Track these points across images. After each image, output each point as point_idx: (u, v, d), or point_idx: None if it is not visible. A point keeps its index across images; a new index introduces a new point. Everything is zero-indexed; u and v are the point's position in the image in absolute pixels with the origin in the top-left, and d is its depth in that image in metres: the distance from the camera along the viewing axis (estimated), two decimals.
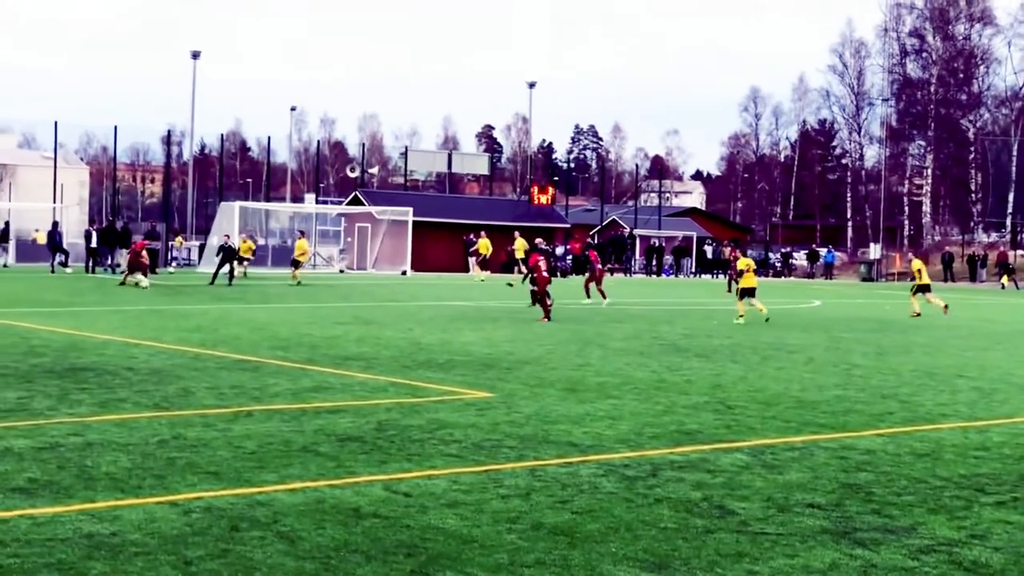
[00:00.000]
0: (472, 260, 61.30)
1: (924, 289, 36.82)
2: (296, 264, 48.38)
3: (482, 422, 13.52)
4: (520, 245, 55.58)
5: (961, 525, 9.30)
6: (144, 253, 42.58)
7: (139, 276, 41.42)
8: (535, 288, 31.06)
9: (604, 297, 37.40)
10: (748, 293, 31.78)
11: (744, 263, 32.57)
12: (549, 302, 30.20)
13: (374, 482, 10.20)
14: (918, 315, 35.56)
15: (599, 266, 39.52)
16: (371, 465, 10.93)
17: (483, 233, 59.77)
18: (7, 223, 58.10)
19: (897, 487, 10.62)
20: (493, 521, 8.95)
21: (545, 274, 30.89)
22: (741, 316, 31.34)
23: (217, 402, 14.57)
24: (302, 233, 50.72)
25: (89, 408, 13.84)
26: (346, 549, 8.11)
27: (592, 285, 38.45)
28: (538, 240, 48.46)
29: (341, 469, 10.69)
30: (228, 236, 48.05)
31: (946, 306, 36.52)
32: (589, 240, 72.85)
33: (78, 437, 11.90)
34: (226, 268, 44.53)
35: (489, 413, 14.22)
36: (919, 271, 37.31)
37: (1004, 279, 68.96)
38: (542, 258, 32.16)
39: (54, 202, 68.34)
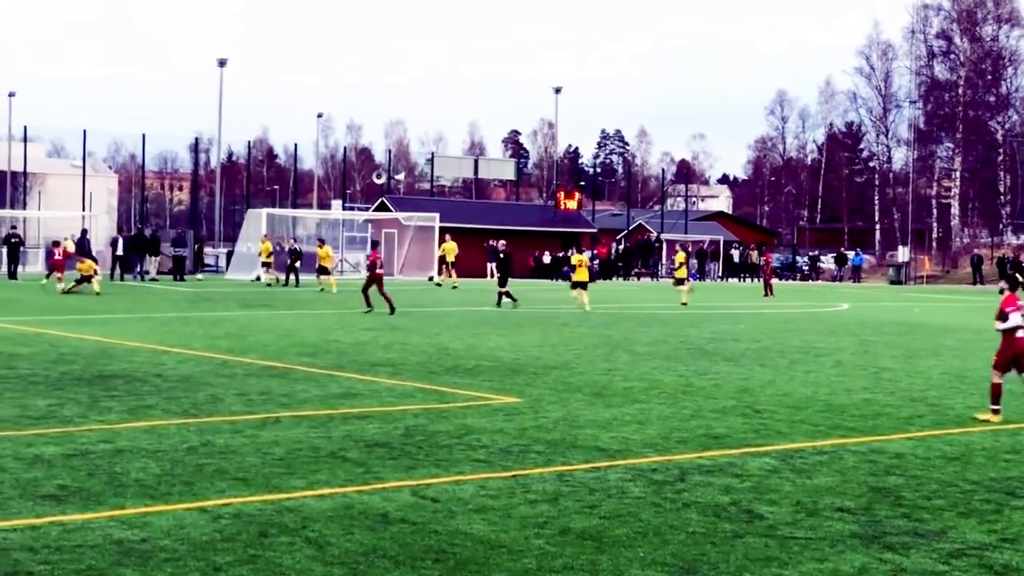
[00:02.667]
0: (440, 266, 58.52)
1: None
2: (325, 271, 48.42)
3: (509, 427, 13.53)
4: (450, 248, 54.03)
5: (992, 529, 9.25)
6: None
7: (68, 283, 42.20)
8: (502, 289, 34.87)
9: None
10: (580, 286, 36.72)
11: (577, 259, 38.03)
12: (388, 299, 32.82)
13: (402, 488, 10.21)
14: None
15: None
16: (399, 471, 10.94)
17: (448, 236, 57.96)
18: (11, 231, 55.96)
19: (927, 491, 10.57)
20: (521, 526, 8.95)
21: (379, 271, 33.89)
22: (584, 305, 36.02)
23: (245, 408, 14.62)
24: (322, 241, 50.66)
25: (119, 415, 13.91)
26: (374, 555, 8.12)
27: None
28: (500, 242, 47.76)
29: (369, 475, 10.71)
30: (295, 240, 50.72)
31: None
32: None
33: (108, 444, 11.96)
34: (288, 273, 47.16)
35: (516, 418, 14.22)
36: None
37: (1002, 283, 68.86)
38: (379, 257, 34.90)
39: (83, 210, 68.72)
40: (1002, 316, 15.24)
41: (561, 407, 15.25)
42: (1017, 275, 21.71)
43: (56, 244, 46.87)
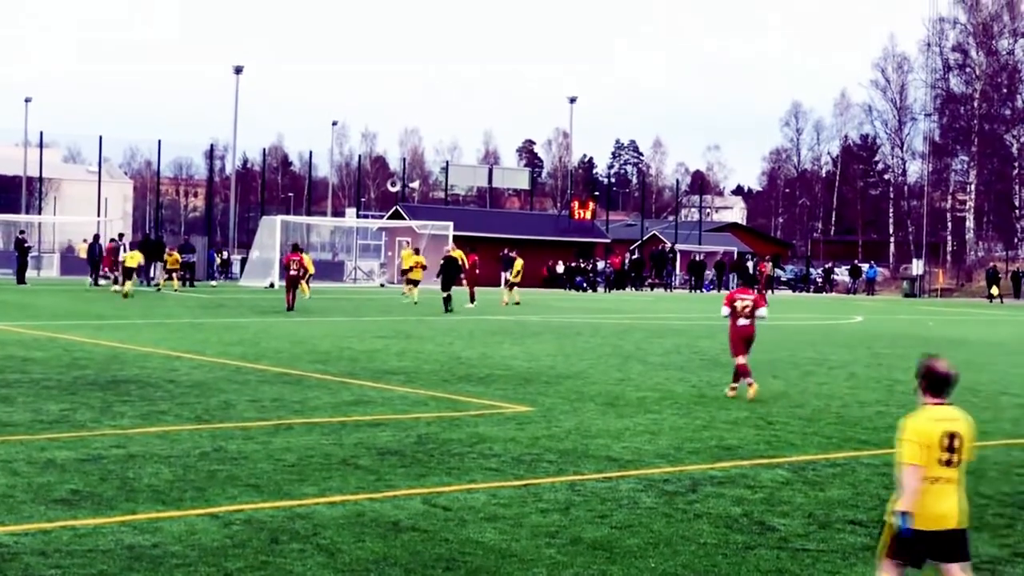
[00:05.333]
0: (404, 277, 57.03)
1: None
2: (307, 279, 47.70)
3: (522, 436, 13.52)
4: (407, 256, 53.22)
5: (1004, 543, 9.21)
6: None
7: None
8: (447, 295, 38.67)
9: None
10: (412, 283, 43.96)
11: (411, 260, 45.29)
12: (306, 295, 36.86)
13: (413, 496, 10.21)
14: None
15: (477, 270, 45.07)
16: (411, 479, 10.94)
17: (407, 243, 56.76)
18: (19, 236, 55.78)
19: None
20: (532, 535, 8.94)
21: (293, 273, 37.56)
22: (415, 302, 42.34)
23: (258, 415, 14.63)
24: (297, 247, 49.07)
25: (131, 420, 13.93)
26: (385, 562, 8.12)
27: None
28: (448, 247, 47.15)
29: (381, 483, 10.71)
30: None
31: None
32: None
33: (120, 449, 11.98)
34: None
35: (529, 427, 14.21)
36: None
37: (993, 289, 68.98)
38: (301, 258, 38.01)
39: (98, 216, 68.86)
40: (726, 306, 18.31)
41: (573, 416, 15.24)
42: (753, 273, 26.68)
43: (112, 241, 48.49)
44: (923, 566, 6.62)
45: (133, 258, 46.15)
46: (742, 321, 18.02)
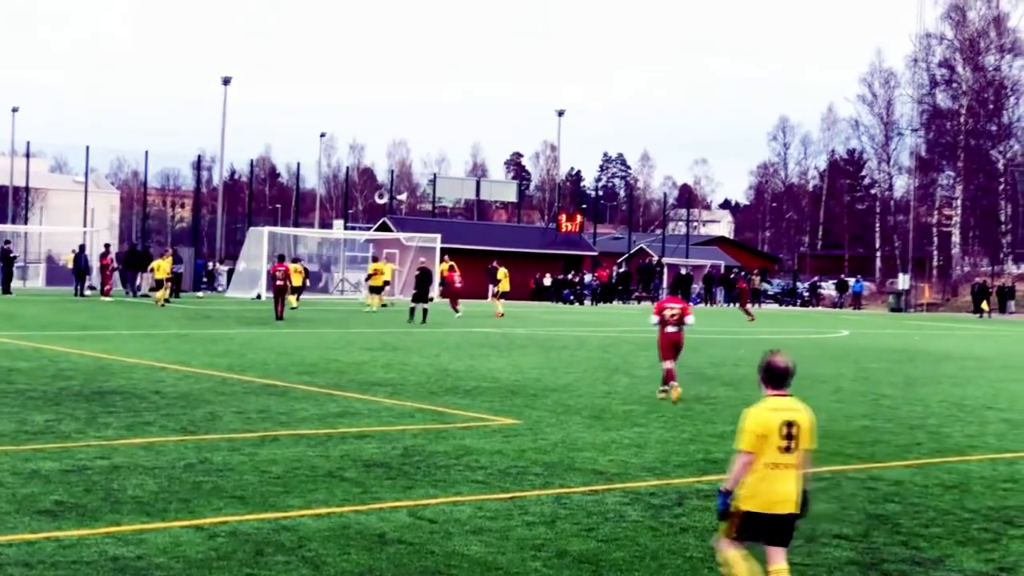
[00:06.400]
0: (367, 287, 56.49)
1: None
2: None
3: (508, 449, 13.51)
4: (380, 268, 52.80)
5: (989, 558, 9.22)
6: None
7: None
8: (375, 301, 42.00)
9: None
10: (376, 291, 46.88)
11: (372, 267, 47.65)
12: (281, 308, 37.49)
13: (399, 508, 10.20)
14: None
15: (457, 285, 44.61)
16: (396, 491, 10.92)
17: (375, 252, 56.37)
18: (4, 246, 55.13)
19: (925, 519, 10.55)
20: (518, 548, 8.93)
21: (280, 283, 38.37)
22: (371, 308, 45.03)
23: (244, 426, 14.60)
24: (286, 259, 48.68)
25: (116, 431, 13.89)
26: (371, 575, 8.10)
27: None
28: (420, 259, 47.31)
29: (367, 495, 10.69)
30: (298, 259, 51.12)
31: None
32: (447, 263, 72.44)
33: (105, 460, 11.94)
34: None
35: (515, 440, 14.20)
36: None
37: (984, 304, 69.27)
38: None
39: (84, 226, 68.70)
40: (655, 315, 19.41)
41: (560, 429, 15.23)
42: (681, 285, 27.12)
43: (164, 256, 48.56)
44: (752, 547, 7.13)
45: (162, 268, 46.69)
46: (670, 329, 19.17)
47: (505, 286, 50.23)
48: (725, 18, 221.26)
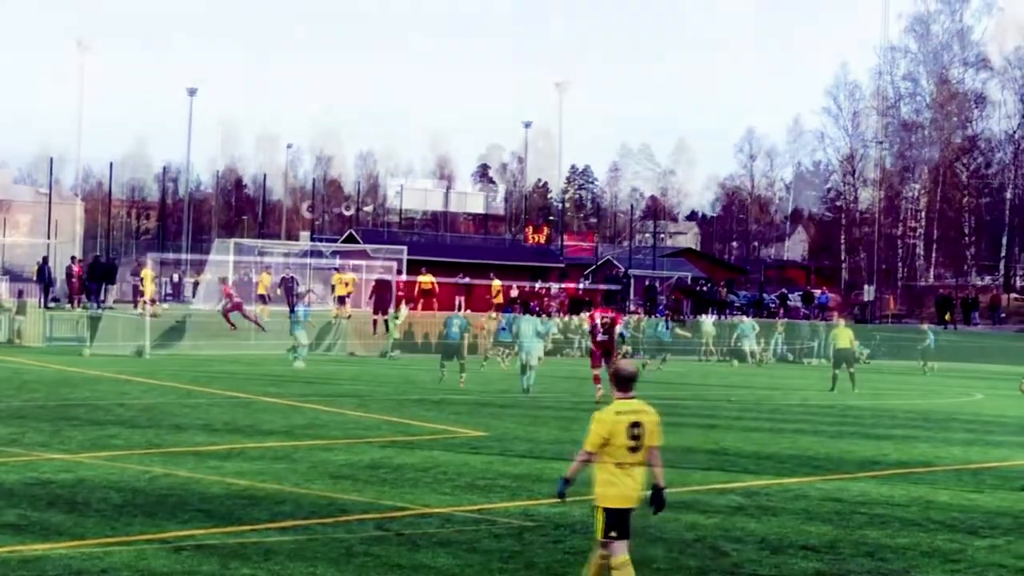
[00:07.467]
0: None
1: None
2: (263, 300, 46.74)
3: (475, 461, 13.47)
4: (264, 280, 51.55)
5: (955, 568, 9.25)
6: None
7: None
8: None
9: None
10: (341, 301, 42.85)
11: (337, 278, 44.93)
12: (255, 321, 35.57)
13: (366, 520, 10.14)
14: None
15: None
16: (364, 503, 10.87)
17: (341, 264, 56.53)
18: None
19: (891, 529, 10.57)
20: (485, 560, 8.90)
21: (236, 299, 36.06)
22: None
23: (209, 439, 14.50)
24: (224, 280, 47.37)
25: (80, 444, 13.78)
26: None
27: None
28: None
29: (333, 507, 10.63)
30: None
31: None
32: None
33: (69, 474, 11.83)
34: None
35: (482, 452, 14.16)
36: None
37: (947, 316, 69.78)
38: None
39: (48, 238, 68.18)
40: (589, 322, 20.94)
41: (527, 441, 15.20)
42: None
43: (223, 281, 44.41)
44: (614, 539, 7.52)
45: (263, 283, 43.88)
46: (601, 336, 20.40)
47: (499, 299, 50.37)
48: (691, 29, 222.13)
